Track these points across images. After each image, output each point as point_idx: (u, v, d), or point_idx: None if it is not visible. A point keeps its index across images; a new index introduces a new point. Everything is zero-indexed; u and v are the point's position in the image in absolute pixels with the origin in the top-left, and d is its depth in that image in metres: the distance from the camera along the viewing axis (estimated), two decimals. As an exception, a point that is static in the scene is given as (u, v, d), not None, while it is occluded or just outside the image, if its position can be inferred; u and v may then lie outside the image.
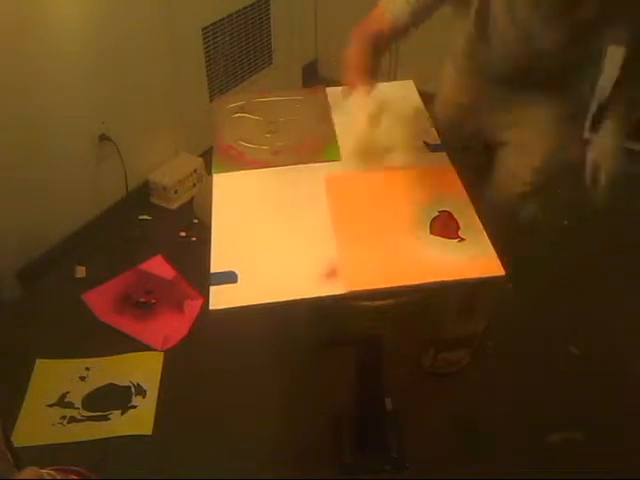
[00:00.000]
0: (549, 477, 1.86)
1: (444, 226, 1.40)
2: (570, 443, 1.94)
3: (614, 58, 1.71)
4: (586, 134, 3.05)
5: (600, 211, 2.02)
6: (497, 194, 1.78)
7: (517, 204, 1.76)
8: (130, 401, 2.09)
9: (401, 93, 1.88)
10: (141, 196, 2.84)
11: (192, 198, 2.85)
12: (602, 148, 1.66)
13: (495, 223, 1.42)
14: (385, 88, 2.01)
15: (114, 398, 2.10)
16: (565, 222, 2.68)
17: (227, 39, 2.99)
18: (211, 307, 1.25)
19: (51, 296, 2.44)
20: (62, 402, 2.09)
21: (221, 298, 1.27)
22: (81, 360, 2.21)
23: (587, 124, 2.88)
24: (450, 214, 1.43)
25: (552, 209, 1.89)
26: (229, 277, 1.31)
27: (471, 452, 1.92)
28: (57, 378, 2.16)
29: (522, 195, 1.74)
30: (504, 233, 1.53)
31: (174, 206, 2.86)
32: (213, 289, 1.28)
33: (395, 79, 3.46)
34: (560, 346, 2.24)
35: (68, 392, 2.11)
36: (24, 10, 2.13)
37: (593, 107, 2.85)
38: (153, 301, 2.41)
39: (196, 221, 2.73)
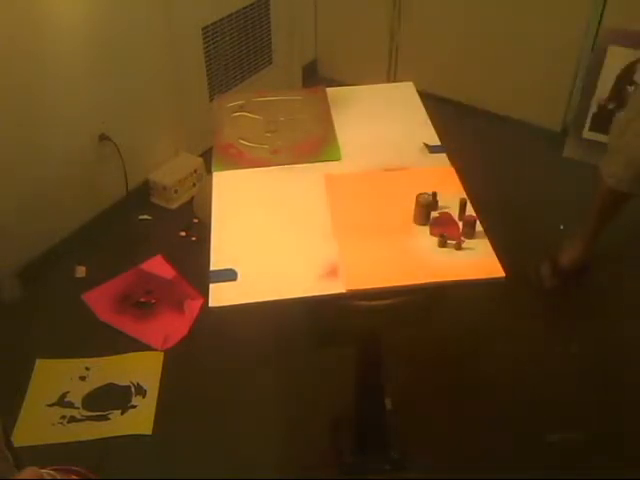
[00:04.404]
0: (549, 477, 1.86)
1: (444, 227, 1.40)
2: (570, 443, 1.94)
3: (614, 58, 1.70)
4: (585, 134, 3.07)
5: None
6: None
7: None
8: (130, 401, 2.09)
9: (401, 95, 1.88)
10: (141, 196, 2.84)
11: (192, 198, 2.85)
12: None
13: None
14: (385, 89, 2.03)
15: (114, 398, 2.10)
16: (561, 227, 2.68)
17: (227, 39, 2.99)
18: (211, 304, 1.26)
19: (51, 296, 2.44)
20: (62, 402, 2.09)
21: (221, 296, 1.27)
22: (81, 360, 2.21)
23: (587, 124, 2.91)
24: (450, 215, 1.43)
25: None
26: (229, 275, 1.31)
27: (471, 452, 1.92)
28: (57, 378, 2.16)
29: None
30: None
31: (174, 206, 2.86)
32: (213, 286, 1.29)
33: (395, 79, 3.50)
34: (560, 346, 2.24)
35: (68, 392, 2.12)
36: (24, 10, 2.13)
37: (593, 107, 2.87)
38: (153, 301, 2.41)
39: (196, 221, 2.73)
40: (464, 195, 1.46)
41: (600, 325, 2.31)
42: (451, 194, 1.47)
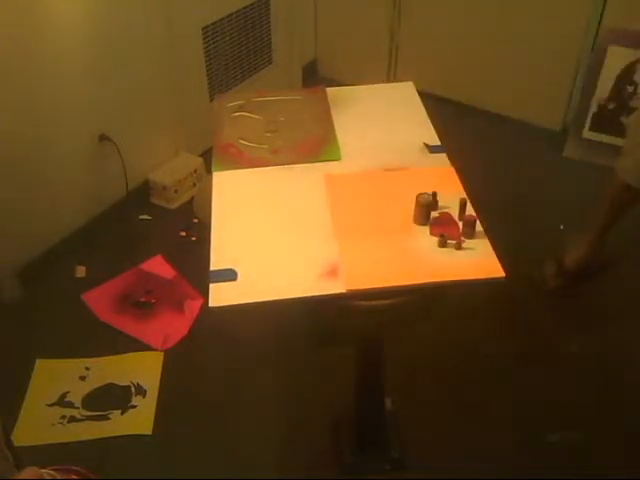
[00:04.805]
0: (549, 477, 1.86)
1: (444, 227, 1.40)
2: (570, 443, 1.94)
3: (614, 58, 1.70)
4: (585, 133, 3.08)
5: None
6: None
7: None
8: (130, 401, 2.09)
9: (401, 95, 1.88)
10: (141, 196, 2.84)
11: (192, 198, 2.85)
12: None
13: None
14: (385, 89, 2.03)
15: (114, 398, 2.10)
16: (561, 227, 2.68)
17: (227, 39, 2.99)
18: (211, 304, 1.26)
19: (51, 296, 2.44)
20: (62, 402, 2.09)
21: (221, 295, 1.27)
22: (81, 360, 2.21)
23: (587, 124, 2.91)
24: (450, 215, 1.43)
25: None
26: (229, 275, 1.31)
27: (471, 452, 1.92)
28: (57, 378, 2.16)
29: None
30: None
31: (174, 206, 2.86)
32: (213, 286, 1.29)
33: (395, 79, 3.50)
34: (560, 346, 2.24)
35: (68, 392, 2.12)
36: (24, 10, 2.13)
37: (593, 107, 2.88)
38: (153, 301, 2.41)
39: (196, 221, 2.73)
40: (464, 195, 1.46)
41: (600, 325, 2.31)
42: (451, 194, 1.47)
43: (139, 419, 2.03)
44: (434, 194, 1.43)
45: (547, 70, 3.09)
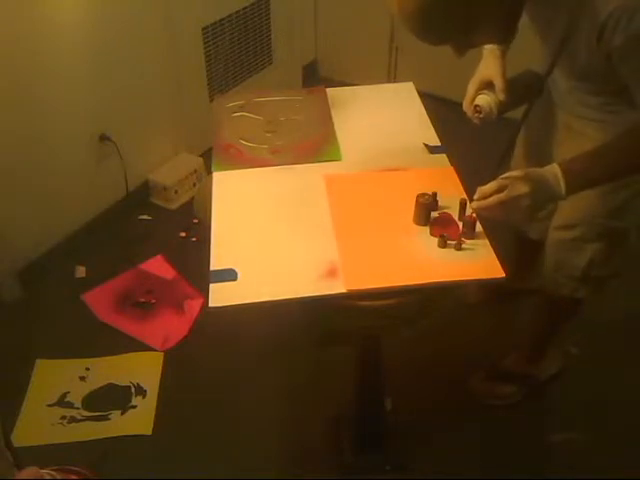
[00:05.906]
0: (549, 477, 1.86)
1: (444, 227, 1.40)
2: (570, 443, 1.94)
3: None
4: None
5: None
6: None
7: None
8: (130, 401, 2.09)
9: (401, 95, 1.88)
10: (141, 196, 2.84)
11: (192, 198, 2.85)
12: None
13: None
14: (385, 89, 2.03)
15: (114, 398, 2.10)
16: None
17: (227, 39, 2.99)
18: (211, 304, 1.26)
19: (51, 296, 2.44)
20: (62, 402, 2.09)
21: (221, 296, 1.27)
22: (81, 360, 2.21)
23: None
24: (450, 215, 1.43)
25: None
26: (229, 275, 1.31)
27: (471, 452, 1.92)
28: (57, 378, 2.16)
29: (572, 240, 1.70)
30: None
31: (174, 206, 2.86)
32: (213, 287, 1.29)
33: (395, 79, 3.50)
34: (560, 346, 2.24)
35: (68, 392, 2.12)
36: (24, 11, 2.13)
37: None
38: (153, 301, 2.41)
39: (196, 221, 2.73)
40: (464, 195, 1.46)
41: (600, 325, 2.31)
42: (451, 194, 1.47)
43: (139, 419, 2.03)
44: (434, 194, 1.43)
45: (547, 70, 3.08)
